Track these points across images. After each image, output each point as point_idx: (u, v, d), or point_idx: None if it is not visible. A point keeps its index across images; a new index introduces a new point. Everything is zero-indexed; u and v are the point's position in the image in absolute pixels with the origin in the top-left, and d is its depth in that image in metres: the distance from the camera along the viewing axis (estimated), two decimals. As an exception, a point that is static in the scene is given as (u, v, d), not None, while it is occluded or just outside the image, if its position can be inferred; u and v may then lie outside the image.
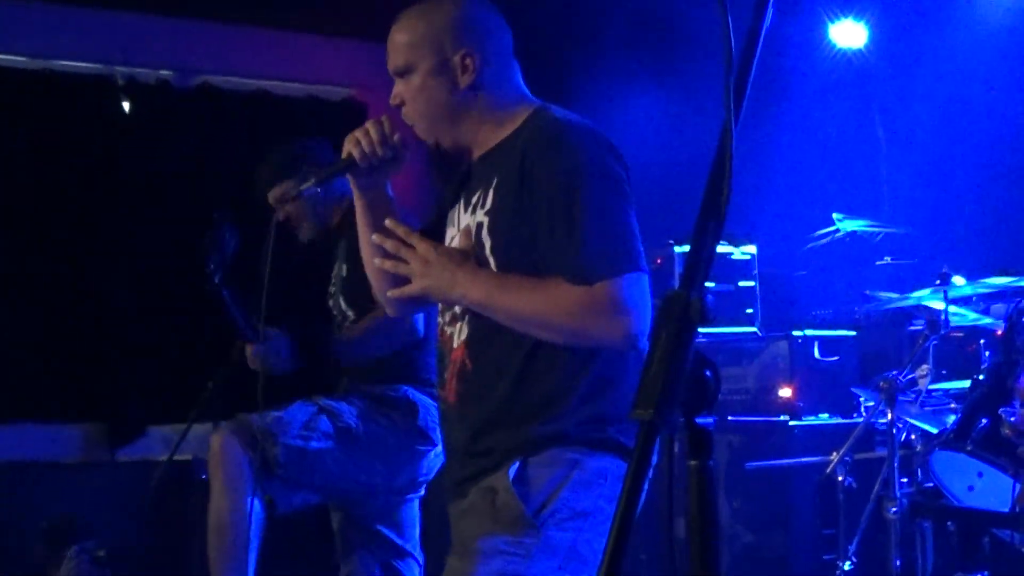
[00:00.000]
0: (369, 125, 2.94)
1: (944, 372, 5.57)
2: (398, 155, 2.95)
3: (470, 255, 2.79)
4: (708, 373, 1.65)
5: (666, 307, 1.63)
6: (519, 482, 2.70)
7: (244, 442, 4.34)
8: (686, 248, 6.82)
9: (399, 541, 4.69)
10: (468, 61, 2.86)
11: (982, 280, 4.96)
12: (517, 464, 2.72)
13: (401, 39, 2.91)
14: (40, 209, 7.05)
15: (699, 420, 1.65)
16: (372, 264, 3.05)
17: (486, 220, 2.81)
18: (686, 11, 6.88)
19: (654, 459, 1.61)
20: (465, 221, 2.88)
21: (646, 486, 1.62)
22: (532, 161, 2.73)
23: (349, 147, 2.95)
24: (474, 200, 2.88)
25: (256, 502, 4.30)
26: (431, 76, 2.88)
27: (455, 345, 2.89)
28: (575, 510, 2.70)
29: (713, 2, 1.79)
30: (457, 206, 2.97)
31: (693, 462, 1.66)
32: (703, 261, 1.67)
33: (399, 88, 2.94)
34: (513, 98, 2.91)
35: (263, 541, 4.36)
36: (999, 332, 4.81)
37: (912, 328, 6.07)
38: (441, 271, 2.77)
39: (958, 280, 4.93)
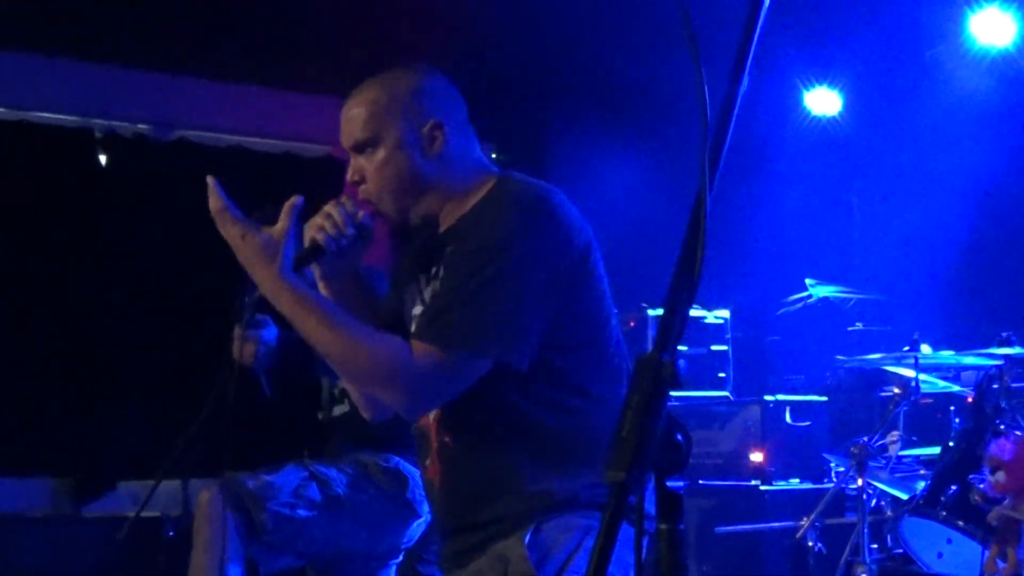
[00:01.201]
0: (330, 207, 2.79)
1: (915, 439, 5.59)
2: (365, 233, 2.80)
3: (275, 257, 2.67)
4: (679, 436, 1.65)
5: (639, 370, 1.63)
6: (533, 548, 2.64)
7: (232, 502, 4.30)
8: (659, 311, 6.83)
9: (372, 605, 4.66)
10: (437, 131, 2.77)
11: (949, 352, 4.99)
12: (531, 530, 2.66)
13: (361, 112, 2.80)
14: (12, 260, 7.02)
15: (670, 483, 1.65)
16: None
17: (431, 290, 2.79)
18: (664, 77, 6.94)
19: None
20: (428, 294, 2.82)
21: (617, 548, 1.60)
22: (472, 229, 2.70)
23: (312, 234, 2.78)
24: (433, 271, 2.82)
25: (238, 562, 4.27)
26: (398, 148, 2.77)
27: (430, 422, 2.83)
28: None
29: (690, 69, 1.81)
30: (422, 278, 2.88)
31: (663, 525, 1.65)
32: (676, 324, 1.67)
33: (359, 164, 2.81)
34: (476, 168, 2.83)
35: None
36: (969, 399, 4.83)
37: (883, 394, 6.09)
38: (244, 256, 2.70)
39: (926, 348, 4.96)
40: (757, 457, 6.28)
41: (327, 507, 4.36)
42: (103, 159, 7.31)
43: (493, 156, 8.78)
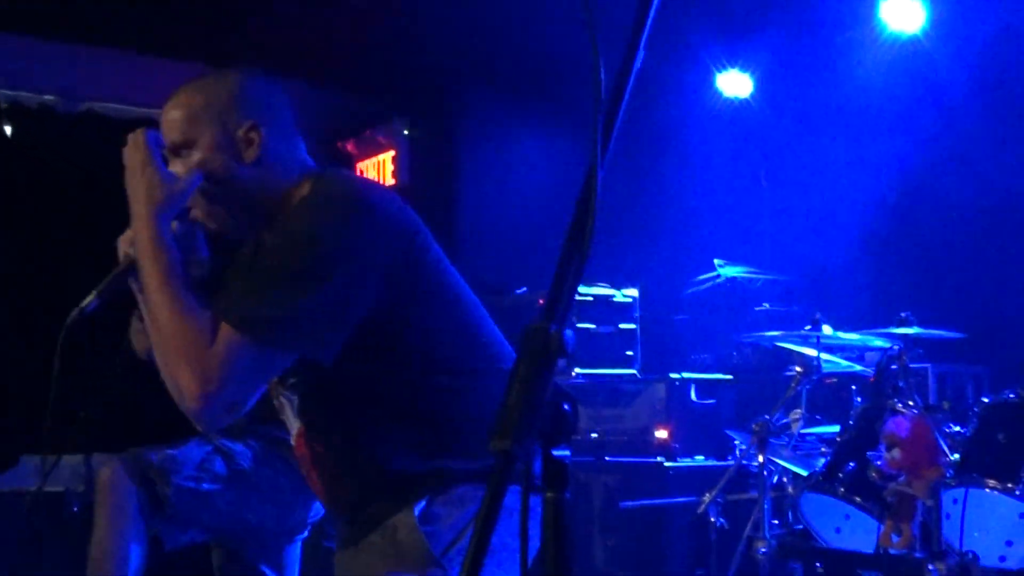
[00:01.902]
0: None
1: (818, 417, 5.67)
2: (186, 241, 2.72)
3: (163, 200, 2.64)
4: (566, 406, 1.67)
5: (526, 340, 1.64)
6: (425, 520, 2.63)
7: (135, 477, 4.25)
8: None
9: (279, 581, 4.63)
10: (253, 135, 2.70)
11: (850, 332, 5.06)
12: (423, 503, 2.65)
13: (178, 114, 2.72)
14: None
15: (556, 452, 1.67)
16: None
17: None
18: (575, 53, 6.97)
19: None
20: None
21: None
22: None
23: (125, 248, 2.70)
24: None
25: (141, 538, 4.22)
26: (213, 151, 2.70)
27: (297, 438, 2.81)
28: None
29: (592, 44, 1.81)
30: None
31: (550, 494, 1.67)
32: (565, 295, 1.69)
33: (176, 166, 2.73)
34: (297, 171, 2.74)
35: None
36: (872, 379, 4.91)
37: (788, 373, 6.17)
38: (133, 184, 2.69)
39: (827, 328, 5.03)
40: (662, 434, 6.32)
41: (232, 481, 4.34)
42: (8, 130, 7.19)
43: (405, 132, 8.77)
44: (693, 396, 6.49)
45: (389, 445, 2.67)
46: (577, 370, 6.79)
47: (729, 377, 6.64)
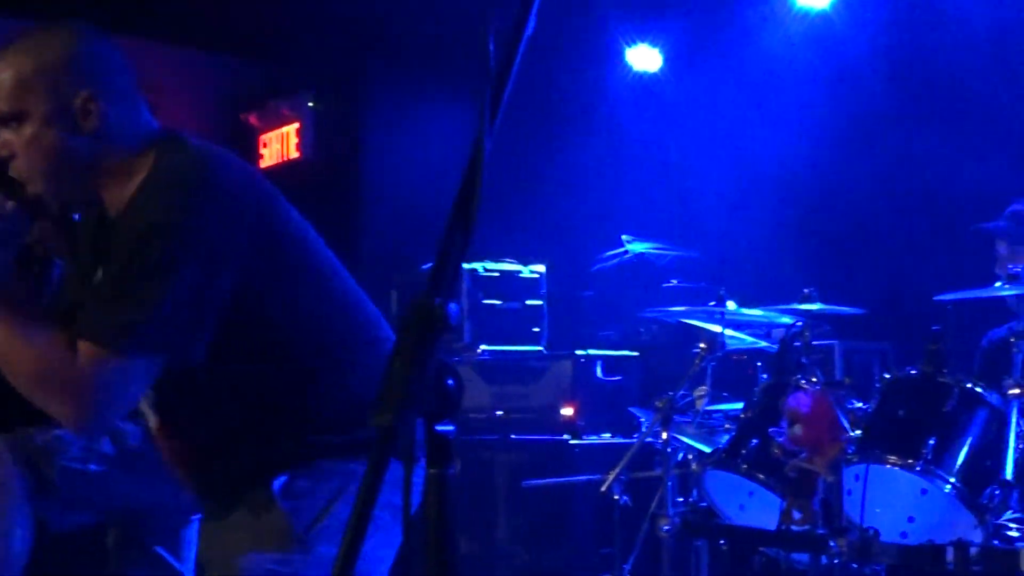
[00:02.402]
0: None
1: (725, 394, 5.71)
2: (15, 228, 2.56)
3: None
4: (450, 381, 1.66)
5: (410, 313, 1.63)
6: (287, 496, 2.59)
7: (18, 458, 4.17)
8: (476, 265, 6.88)
9: (176, 564, 4.57)
10: (90, 105, 2.54)
11: (753, 308, 5.10)
12: (284, 478, 2.61)
13: (5, 79, 2.54)
14: None
15: (439, 428, 1.66)
16: None
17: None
18: (483, 27, 6.93)
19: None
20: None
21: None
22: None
23: None
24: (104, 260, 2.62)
25: (26, 521, 4.15)
26: (46, 125, 2.54)
27: (155, 432, 2.78)
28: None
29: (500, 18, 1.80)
30: (100, 268, 2.64)
31: (433, 470, 1.66)
32: (450, 268, 1.68)
33: (7, 137, 2.56)
34: (141, 138, 2.60)
35: (30, 561, 4.21)
36: (775, 355, 4.96)
37: (696, 350, 6.21)
38: None
39: (731, 304, 5.06)
40: (568, 412, 6.34)
41: (122, 461, 4.27)
42: None
43: (310, 105, 8.69)
44: (599, 373, 6.51)
45: (251, 425, 2.63)
46: (483, 347, 6.78)
47: (635, 354, 6.68)
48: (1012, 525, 4.30)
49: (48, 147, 2.55)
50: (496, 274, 7.01)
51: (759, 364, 5.68)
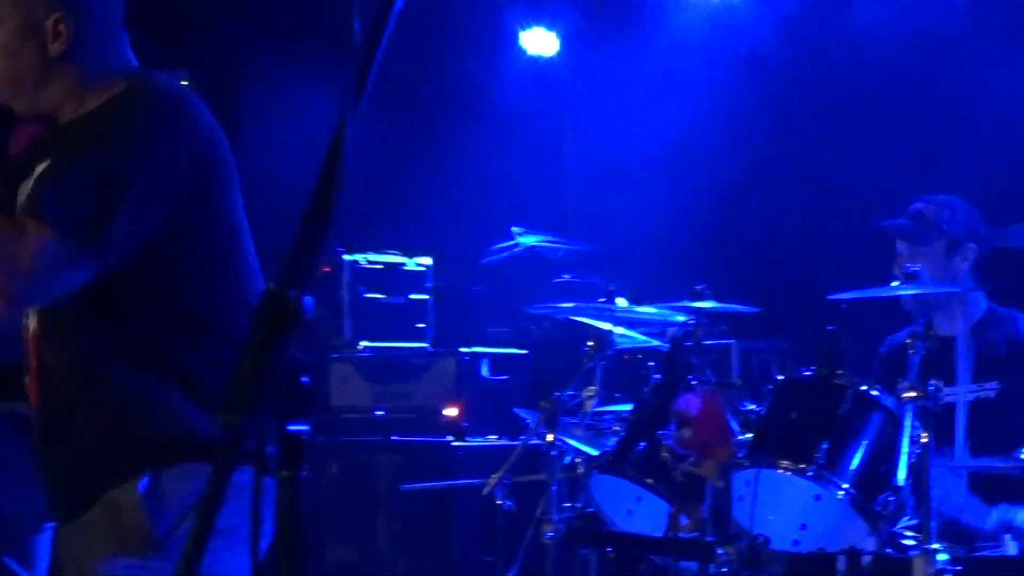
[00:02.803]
0: None
1: (617, 395, 5.72)
2: None
3: None
4: (305, 379, 1.64)
5: (262, 306, 1.61)
6: (148, 498, 2.59)
7: None
8: (357, 257, 6.85)
9: (25, 574, 4.49)
10: (61, 27, 2.71)
11: (645, 305, 5.12)
12: (147, 479, 2.60)
13: None
14: None
15: (292, 428, 1.64)
16: None
17: (33, 185, 2.73)
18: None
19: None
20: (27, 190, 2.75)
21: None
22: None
23: None
24: (39, 169, 2.74)
25: None
26: (17, 37, 2.72)
27: (29, 337, 2.77)
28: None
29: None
30: (37, 169, 2.78)
31: (284, 472, 1.64)
32: (306, 259, 1.66)
33: None
34: (111, 71, 2.77)
35: None
36: (666, 355, 4.98)
37: (586, 349, 6.22)
38: None
39: (621, 301, 5.08)
40: (451, 412, 6.35)
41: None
42: None
43: (183, 84, 8.56)
44: (485, 372, 6.53)
45: (128, 387, 2.63)
46: (363, 343, 6.75)
47: (523, 352, 6.69)
48: (908, 533, 4.36)
49: (14, 57, 2.72)
50: (379, 266, 6.99)
51: (651, 364, 5.70)
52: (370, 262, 6.93)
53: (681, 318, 4.92)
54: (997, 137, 6.41)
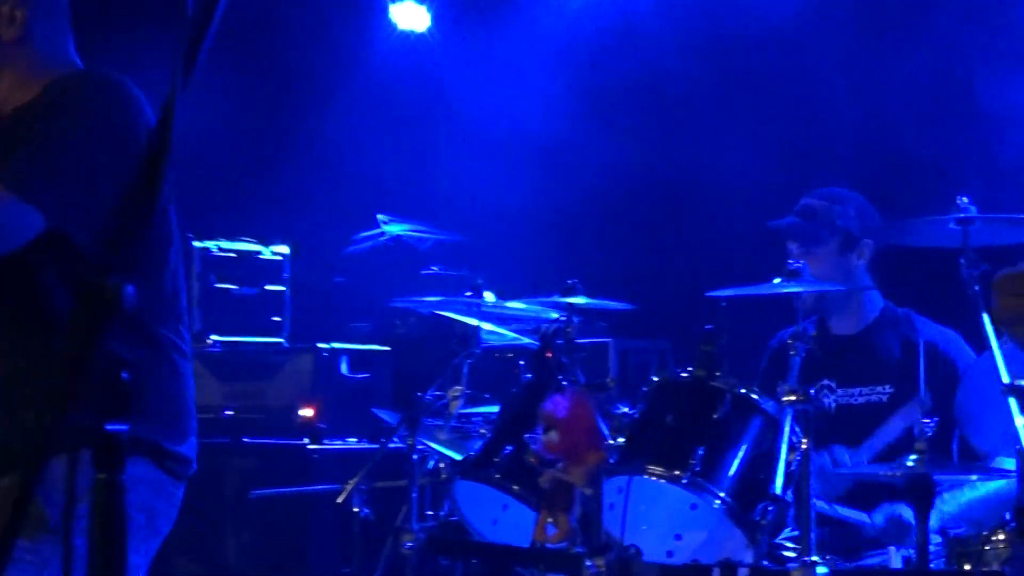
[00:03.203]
0: None
1: (487, 396, 5.73)
2: None
3: None
4: (125, 375, 1.63)
5: (80, 296, 1.59)
6: (45, 483, 2.61)
7: None
8: (208, 244, 6.79)
9: None
10: (17, 13, 2.90)
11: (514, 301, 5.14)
12: (47, 462, 2.66)
13: None
14: None
15: (110, 427, 1.63)
16: None
17: None
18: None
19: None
20: None
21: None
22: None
23: None
24: None
25: None
26: None
27: None
28: None
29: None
30: None
31: (101, 475, 1.63)
32: (128, 243, 1.64)
33: None
34: (60, 62, 2.97)
35: None
36: (535, 353, 4.99)
37: (453, 346, 6.24)
38: None
39: (489, 296, 5.09)
40: (307, 413, 6.33)
41: None
42: None
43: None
44: (345, 369, 6.51)
45: (37, 364, 2.73)
46: (213, 337, 6.69)
47: (386, 349, 6.68)
48: (789, 544, 4.42)
49: None
50: (232, 254, 6.94)
51: (523, 363, 5.72)
52: (222, 250, 6.87)
53: (555, 315, 4.94)
54: (881, 130, 6.54)
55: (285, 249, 7.05)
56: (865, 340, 5.19)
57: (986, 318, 4.08)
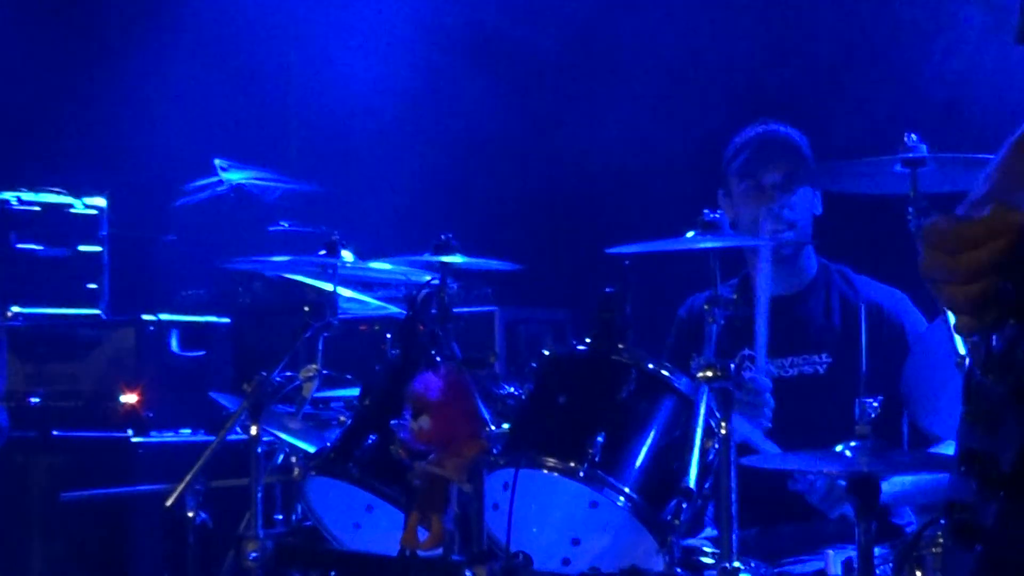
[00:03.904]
0: None
1: (348, 377, 5.68)
2: None
3: None
4: None
5: None
6: None
7: None
8: (7, 195, 6.75)
9: None
10: None
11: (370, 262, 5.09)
12: None
13: None
14: None
15: None
16: None
17: None
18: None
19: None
20: None
21: None
22: None
23: None
24: None
25: None
26: None
27: None
28: None
29: None
30: None
31: None
32: None
33: None
34: None
35: None
36: (402, 324, 4.94)
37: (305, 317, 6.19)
38: None
39: (347, 255, 5.02)
40: (130, 399, 6.31)
41: None
42: None
43: None
44: (175, 346, 6.48)
45: None
46: (15, 308, 6.61)
47: (225, 320, 6.64)
48: (707, 548, 4.41)
49: None
50: (36, 208, 6.88)
51: (389, 337, 5.68)
52: (23, 202, 6.82)
53: (428, 277, 4.87)
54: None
55: (102, 201, 6.99)
56: (800, 302, 5.19)
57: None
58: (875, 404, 4.09)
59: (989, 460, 2.04)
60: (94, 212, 6.96)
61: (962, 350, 3.92)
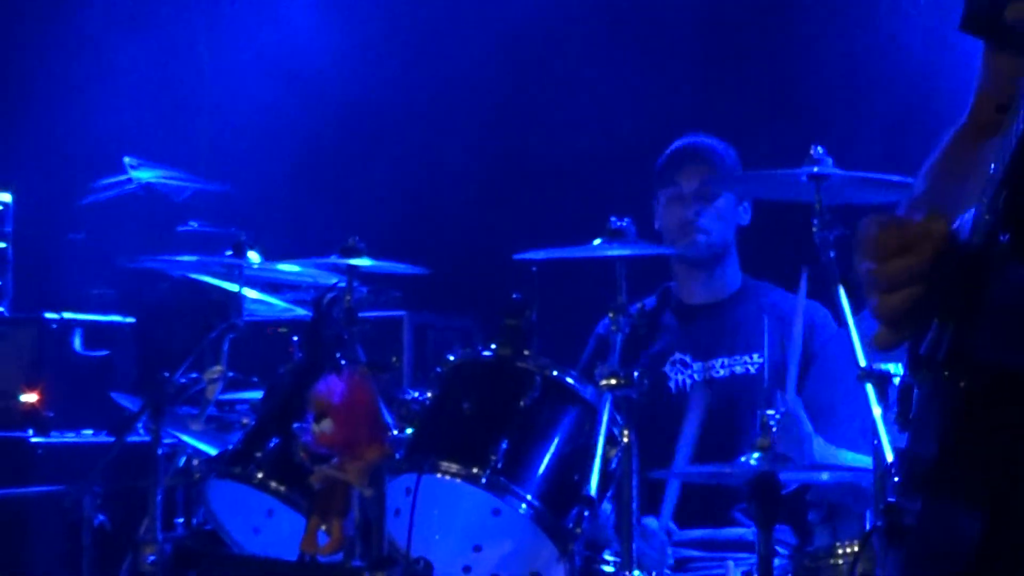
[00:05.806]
0: None
1: (254, 379, 5.69)
2: None
3: None
4: None
5: None
6: None
7: None
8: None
9: None
10: None
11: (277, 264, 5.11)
12: None
13: None
14: None
15: None
16: None
17: None
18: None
19: None
20: None
21: None
22: None
23: None
24: None
25: None
26: None
27: None
28: None
29: None
30: None
31: None
32: None
33: None
34: None
35: None
36: (307, 327, 4.96)
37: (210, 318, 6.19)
38: None
39: (254, 256, 5.03)
40: (30, 398, 6.31)
41: None
42: None
43: None
44: (78, 346, 6.49)
45: None
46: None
47: (129, 320, 6.63)
48: (609, 557, 4.45)
49: None
50: (-66, 203, 6.84)
51: (296, 339, 5.69)
52: (-80, 196, 6.79)
53: (334, 280, 4.89)
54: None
55: (7, 197, 6.96)
56: (729, 307, 5.26)
57: (842, 290, 4.11)
58: (776, 416, 4.16)
59: (913, 460, 2.06)
60: (-1, 208, 6.93)
61: (863, 362, 3.99)
